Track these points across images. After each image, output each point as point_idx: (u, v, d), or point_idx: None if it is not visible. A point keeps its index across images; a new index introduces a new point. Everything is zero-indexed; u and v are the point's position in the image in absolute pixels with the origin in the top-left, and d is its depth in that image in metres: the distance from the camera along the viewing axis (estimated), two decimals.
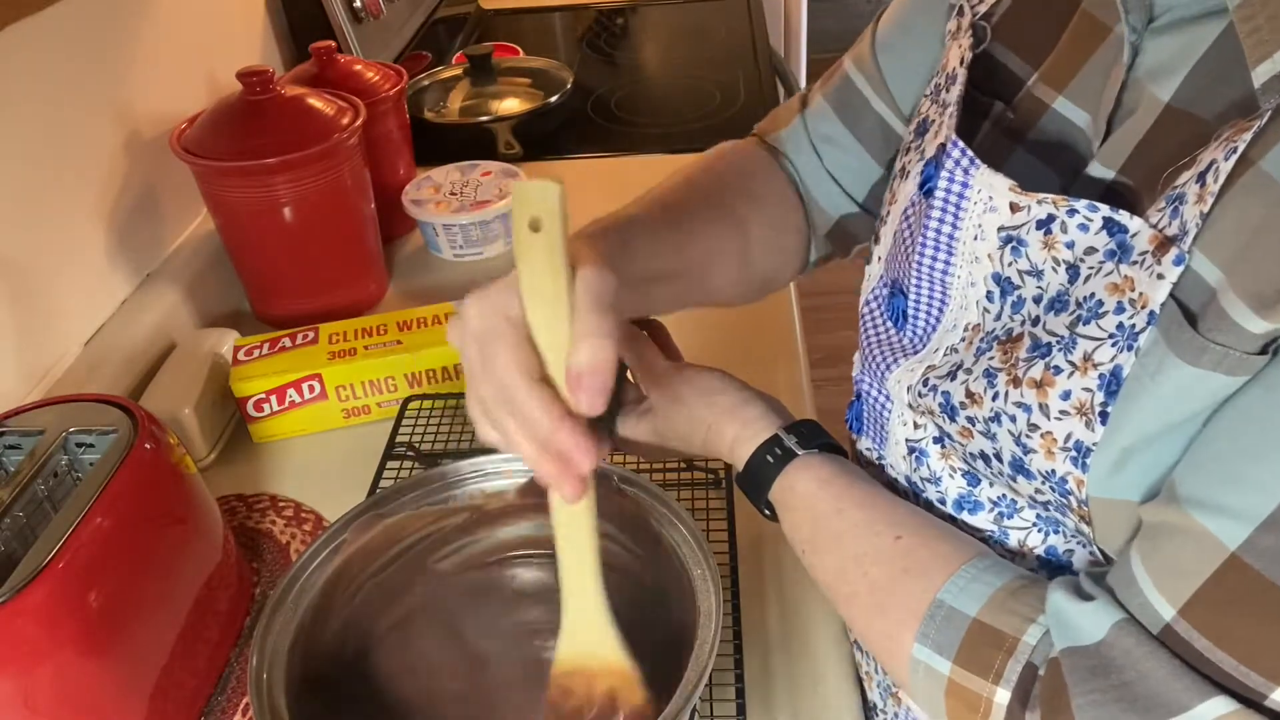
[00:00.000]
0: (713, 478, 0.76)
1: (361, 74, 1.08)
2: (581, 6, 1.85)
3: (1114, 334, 0.43)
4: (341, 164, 0.93)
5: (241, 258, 0.99)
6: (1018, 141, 0.53)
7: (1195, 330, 0.40)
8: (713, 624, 0.51)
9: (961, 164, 0.51)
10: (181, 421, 0.82)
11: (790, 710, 0.63)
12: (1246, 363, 0.38)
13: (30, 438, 0.62)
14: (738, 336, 0.94)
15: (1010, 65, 0.55)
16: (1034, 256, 0.47)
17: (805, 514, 0.56)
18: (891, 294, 0.60)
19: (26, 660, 0.52)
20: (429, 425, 0.85)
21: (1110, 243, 0.44)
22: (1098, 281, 0.44)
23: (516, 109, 1.35)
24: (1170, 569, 0.41)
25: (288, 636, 0.54)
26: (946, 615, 0.48)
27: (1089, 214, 0.44)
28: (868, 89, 0.67)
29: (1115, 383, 0.43)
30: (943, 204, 0.52)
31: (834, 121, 0.69)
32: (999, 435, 0.48)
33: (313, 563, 0.57)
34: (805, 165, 0.71)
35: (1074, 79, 0.51)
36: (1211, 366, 0.39)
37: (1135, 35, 0.46)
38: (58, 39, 0.85)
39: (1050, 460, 0.46)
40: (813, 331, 0.99)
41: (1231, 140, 0.39)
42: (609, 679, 0.52)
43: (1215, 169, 0.40)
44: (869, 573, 0.52)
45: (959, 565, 0.49)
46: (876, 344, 0.61)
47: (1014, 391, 0.47)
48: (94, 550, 0.55)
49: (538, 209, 0.43)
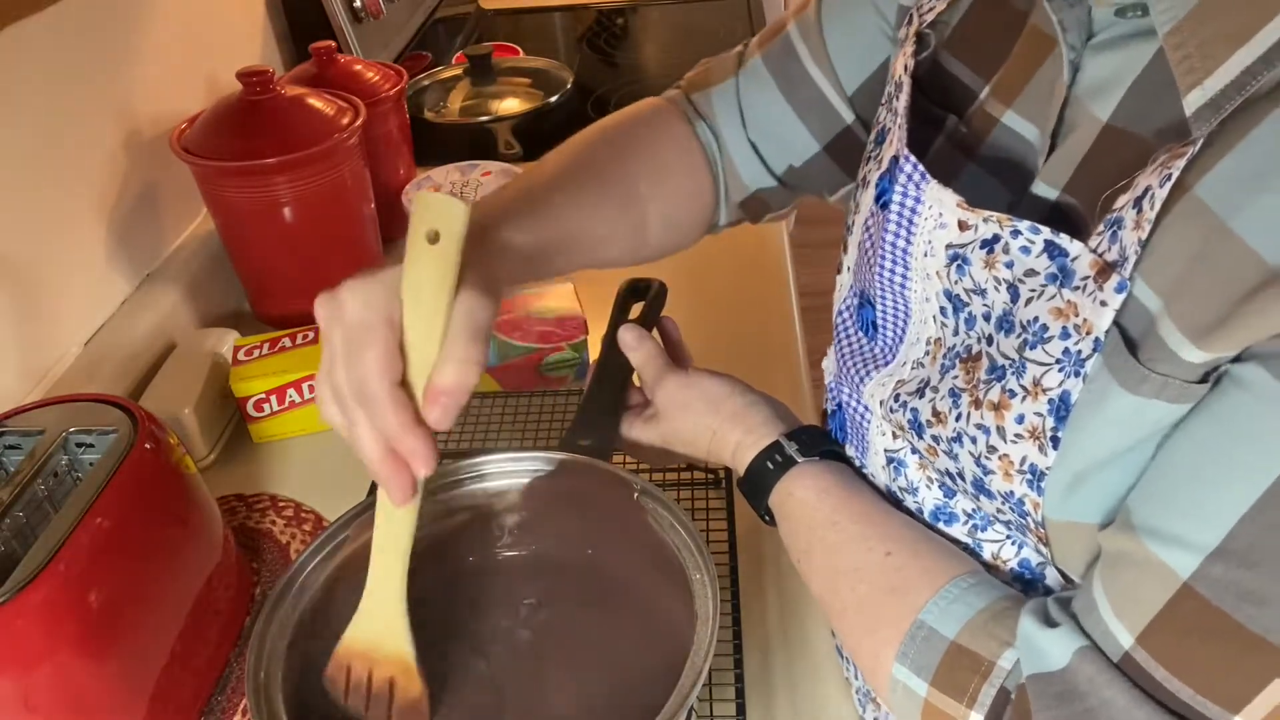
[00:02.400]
0: (712, 478, 0.76)
1: (361, 74, 1.08)
2: (581, 6, 1.85)
3: (1060, 359, 0.43)
4: (341, 164, 0.93)
5: (241, 258, 0.99)
6: (970, 155, 0.53)
7: (1135, 359, 0.40)
8: (709, 627, 0.51)
9: (913, 178, 0.51)
10: (181, 421, 0.82)
11: (790, 710, 0.63)
12: (1188, 391, 0.39)
13: (30, 438, 0.62)
14: (738, 336, 0.94)
15: (962, 77, 0.55)
16: (977, 275, 0.47)
17: (802, 523, 0.56)
18: (860, 304, 0.59)
19: (26, 660, 0.52)
20: None
21: (1051, 266, 0.44)
22: (1040, 305, 0.44)
23: (516, 109, 1.35)
24: (1128, 597, 0.41)
25: (286, 636, 0.54)
26: (926, 636, 0.48)
27: (1031, 236, 0.44)
28: (809, 59, 0.65)
29: (1064, 408, 0.43)
30: (897, 218, 0.52)
31: (770, 88, 0.67)
32: (960, 455, 0.49)
33: (312, 562, 0.57)
34: (729, 133, 0.69)
35: (1021, 93, 0.50)
36: (1153, 395, 0.39)
37: (1074, 53, 0.46)
38: (58, 39, 0.85)
39: (1008, 482, 0.46)
40: (813, 331, 0.99)
41: (1166, 166, 0.39)
42: (391, 668, 0.53)
43: (1151, 195, 0.39)
44: (858, 589, 0.52)
45: (944, 583, 0.49)
46: (850, 354, 0.60)
47: (975, 413, 0.47)
48: (94, 550, 0.55)
49: (440, 224, 0.43)
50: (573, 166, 0.64)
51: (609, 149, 0.67)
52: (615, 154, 0.67)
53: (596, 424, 0.66)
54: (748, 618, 0.67)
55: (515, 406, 0.85)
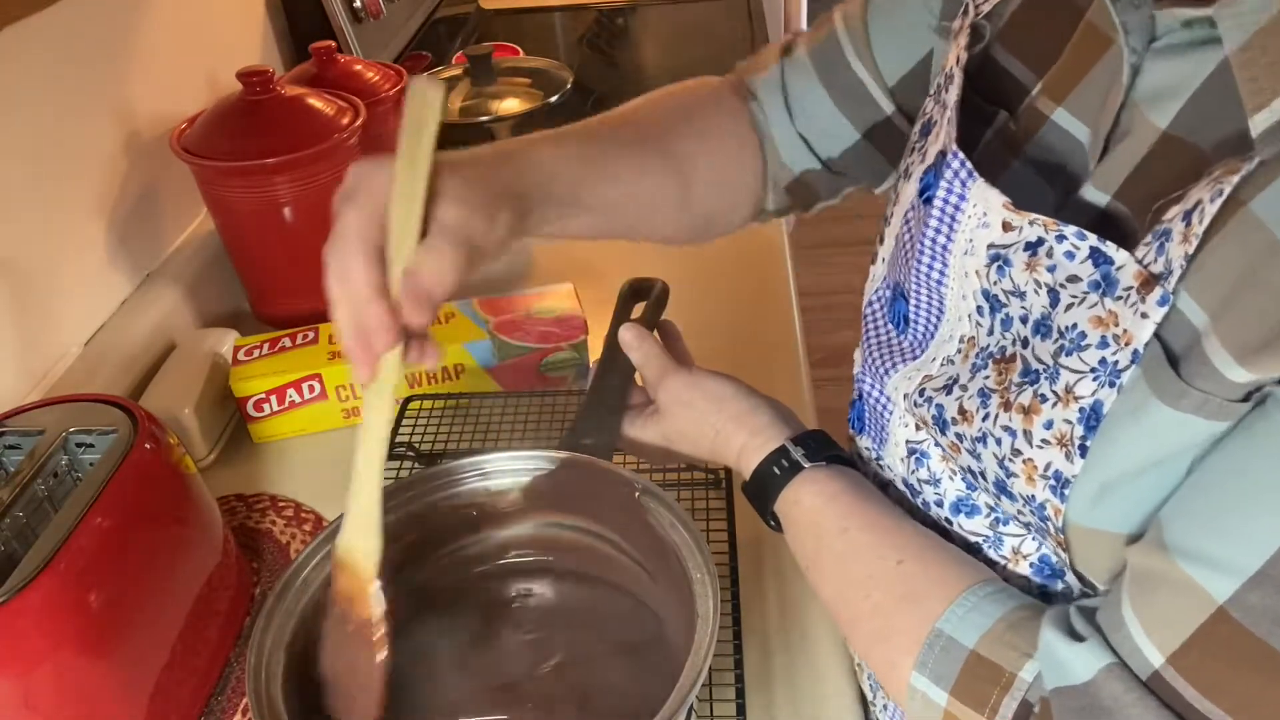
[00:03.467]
0: (713, 478, 0.76)
1: (361, 74, 1.08)
2: (581, 6, 1.85)
3: (1096, 369, 0.42)
4: (341, 164, 0.93)
5: (241, 258, 0.99)
6: (1016, 153, 0.52)
7: (1177, 373, 0.39)
8: (709, 627, 0.51)
9: (960, 175, 0.50)
10: (181, 421, 0.82)
11: (790, 710, 0.63)
12: (1229, 409, 0.38)
13: (30, 438, 0.62)
14: (738, 336, 0.94)
15: (1014, 72, 0.54)
16: (1017, 277, 0.47)
17: (809, 531, 0.56)
18: (893, 297, 0.59)
19: (26, 660, 0.52)
20: (429, 425, 0.85)
21: (1095, 273, 0.43)
22: (1081, 312, 0.44)
23: (516, 109, 1.35)
24: (1159, 617, 0.40)
25: (286, 634, 0.54)
26: (945, 645, 0.47)
27: (1077, 241, 0.44)
28: (850, 50, 0.66)
29: (1095, 418, 0.42)
30: (940, 214, 0.51)
31: (811, 77, 0.68)
32: (984, 456, 0.48)
33: (312, 560, 0.57)
34: (775, 115, 0.70)
35: (1074, 91, 0.50)
36: (1192, 411, 0.39)
37: (1135, 56, 0.45)
38: (58, 39, 0.85)
39: (1031, 486, 0.46)
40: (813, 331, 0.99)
41: (1219, 181, 0.38)
42: (352, 583, 0.54)
43: (1201, 210, 0.39)
44: (871, 597, 0.51)
45: (959, 592, 0.48)
46: (878, 345, 0.60)
47: (1003, 415, 0.47)
48: (94, 550, 0.55)
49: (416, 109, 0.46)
50: (614, 117, 0.65)
51: (655, 106, 0.68)
52: (662, 110, 0.68)
53: (599, 423, 0.65)
54: (748, 618, 0.67)
55: (515, 406, 0.85)
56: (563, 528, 0.63)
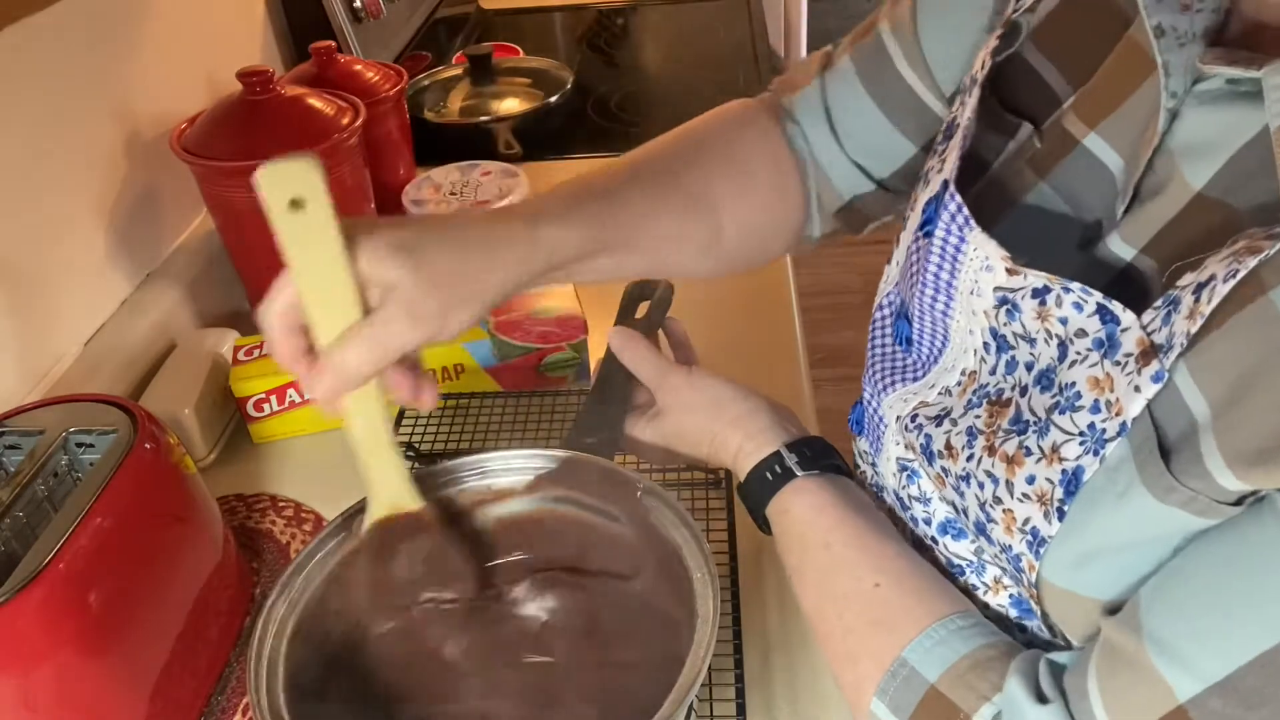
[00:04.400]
0: (713, 478, 0.76)
1: (361, 74, 1.08)
2: (581, 6, 1.85)
3: (1084, 433, 0.41)
4: (341, 164, 0.93)
5: (241, 258, 0.99)
6: (1043, 175, 0.49)
7: (1167, 466, 0.37)
8: (709, 627, 0.51)
9: (957, 220, 0.48)
10: (181, 421, 0.82)
11: (790, 710, 0.63)
12: (1217, 509, 0.36)
13: (30, 438, 0.62)
14: (738, 336, 0.94)
15: (1047, 77, 0.50)
16: (1029, 324, 0.45)
17: (795, 540, 0.56)
18: (898, 313, 0.57)
19: (26, 660, 0.52)
20: (429, 425, 0.85)
21: (1101, 331, 0.41)
22: (1081, 370, 0.41)
23: (516, 109, 1.35)
24: (1121, 700, 0.39)
25: (286, 632, 0.54)
26: (907, 676, 0.47)
27: (1083, 295, 0.41)
28: (900, 57, 0.60)
29: (1075, 483, 0.41)
30: (940, 252, 0.49)
31: (857, 89, 0.62)
32: (967, 495, 0.47)
33: (314, 558, 0.58)
34: (817, 137, 0.65)
35: (1109, 117, 0.46)
36: (1179, 506, 0.37)
37: (1174, 100, 0.42)
38: (58, 39, 0.85)
39: (1009, 536, 0.45)
40: (813, 331, 0.99)
41: (1238, 259, 0.35)
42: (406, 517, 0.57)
43: (1213, 287, 0.36)
44: (844, 616, 0.51)
45: (930, 623, 0.48)
46: (881, 357, 0.59)
47: (987, 459, 0.45)
48: (94, 550, 0.55)
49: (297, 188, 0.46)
50: (639, 161, 0.62)
51: (683, 145, 0.65)
52: (689, 151, 0.64)
53: (602, 422, 0.65)
54: (748, 618, 0.67)
55: (515, 406, 0.85)
56: (564, 526, 0.63)
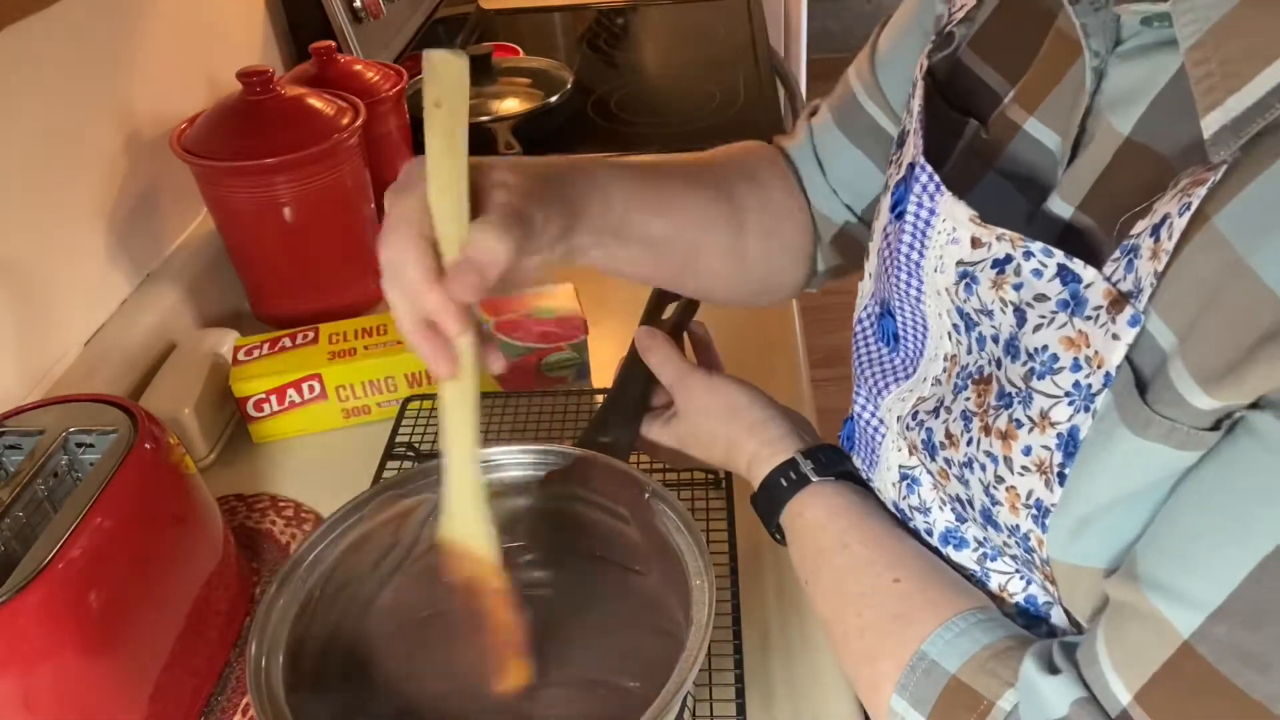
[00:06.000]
0: (713, 479, 0.76)
1: (361, 74, 1.08)
2: (581, 6, 1.85)
3: (1070, 392, 0.41)
4: (341, 164, 0.93)
5: (241, 258, 0.99)
6: (989, 164, 0.51)
7: (1143, 399, 0.38)
8: (701, 635, 0.50)
9: (928, 189, 0.49)
10: (181, 421, 0.82)
11: (790, 710, 0.63)
12: (1197, 438, 0.37)
13: (30, 438, 0.62)
14: (738, 336, 0.94)
15: (987, 79, 0.53)
16: (984, 295, 0.45)
17: (811, 544, 0.55)
18: (881, 314, 0.58)
19: (26, 660, 0.52)
20: (429, 425, 0.85)
21: (1064, 292, 0.42)
22: (1050, 333, 0.42)
23: (516, 109, 1.35)
24: (1128, 652, 0.39)
25: (286, 626, 0.55)
26: (927, 669, 0.47)
27: (1044, 258, 0.42)
28: (865, 98, 0.66)
29: (1073, 444, 0.41)
30: (912, 228, 0.50)
31: (836, 133, 0.68)
32: (971, 482, 0.47)
33: (311, 553, 0.58)
34: (809, 176, 0.70)
35: (1046, 100, 0.48)
36: (1159, 439, 0.37)
37: (1098, 60, 0.44)
38: (58, 39, 0.85)
39: (1015, 515, 0.45)
40: (813, 332, 0.99)
41: (1187, 193, 0.37)
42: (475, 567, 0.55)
43: (1170, 224, 0.37)
44: (863, 614, 0.51)
45: (949, 616, 0.48)
46: (869, 365, 0.59)
47: (985, 439, 0.45)
48: (94, 550, 0.55)
49: (444, 85, 0.44)
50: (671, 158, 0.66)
51: (703, 155, 0.69)
52: (710, 158, 0.68)
53: (618, 422, 0.66)
54: (748, 618, 0.67)
55: (515, 406, 0.85)
56: (572, 523, 0.63)
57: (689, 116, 1.41)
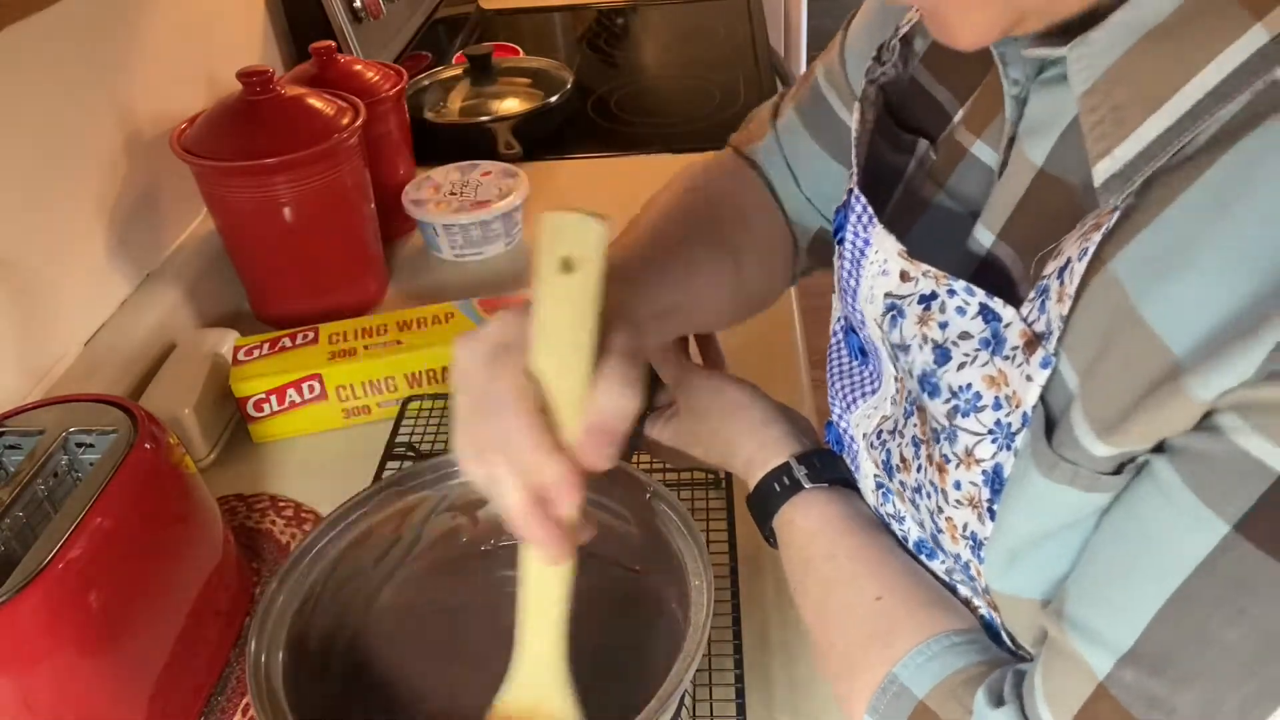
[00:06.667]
0: (713, 479, 0.76)
1: (361, 74, 1.08)
2: (581, 6, 1.85)
3: (993, 430, 0.41)
4: (341, 164, 0.93)
5: (241, 258, 0.99)
6: (939, 186, 0.51)
7: (1049, 442, 0.38)
8: (699, 636, 0.50)
9: (863, 219, 0.49)
10: (181, 421, 0.82)
11: (790, 710, 0.63)
12: (1100, 481, 0.37)
13: (30, 438, 0.62)
14: (738, 336, 0.94)
15: (938, 96, 0.53)
16: (907, 331, 0.45)
17: (799, 553, 0.55)
18: (848, 328, 0.58)
19: (26, 660, 0.52)
20: (429, 425, 0.85)
21: (986, 330, 0.42)
22: (974, 371, 0.42)
23: (516, 109, 1.35)
24: (1056, 688, 0.40)
25: (286, 624, 0.55)
26: (898, 692, 0.46)
27: (966, 297, 0.42)
28: (835, 100, 0.64)
29: (998, 481, 0.41)
30: (849, 256, 0.50)
31: (803, 135, 0.67)
32: (921, 507, 0.47)
33: (311, 551, 0.58)
34: (780, 181, 0.69)
35: (991, 122, 0.48)
36: (1065, 481, 0.38)
37: (1018, 88, 0.44)
38: (58, 39, 0.85)
39: (955, 544, 0.45)
40: (813, 332, 0.99)
41: (1086, 238, 0.37)
42: None
43: (1071, 269, 0.37)
44: (844, 631, 0.51)
45: (926, 637, 0.47)
46: (840, 377, 0.59)
47: (929, 468, 0.45)
48: (94, 550, 0.55)
49: (575, 249, 0.38)
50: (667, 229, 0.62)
51: (697, 202, 0.66)
52: (706, 208, 0.66)
53: None
54: (748, 618, 0.67)
55: None
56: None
57: (689, 116, 1.41)
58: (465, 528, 0.65)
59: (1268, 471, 0.32)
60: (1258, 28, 0.33)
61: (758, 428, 0.60)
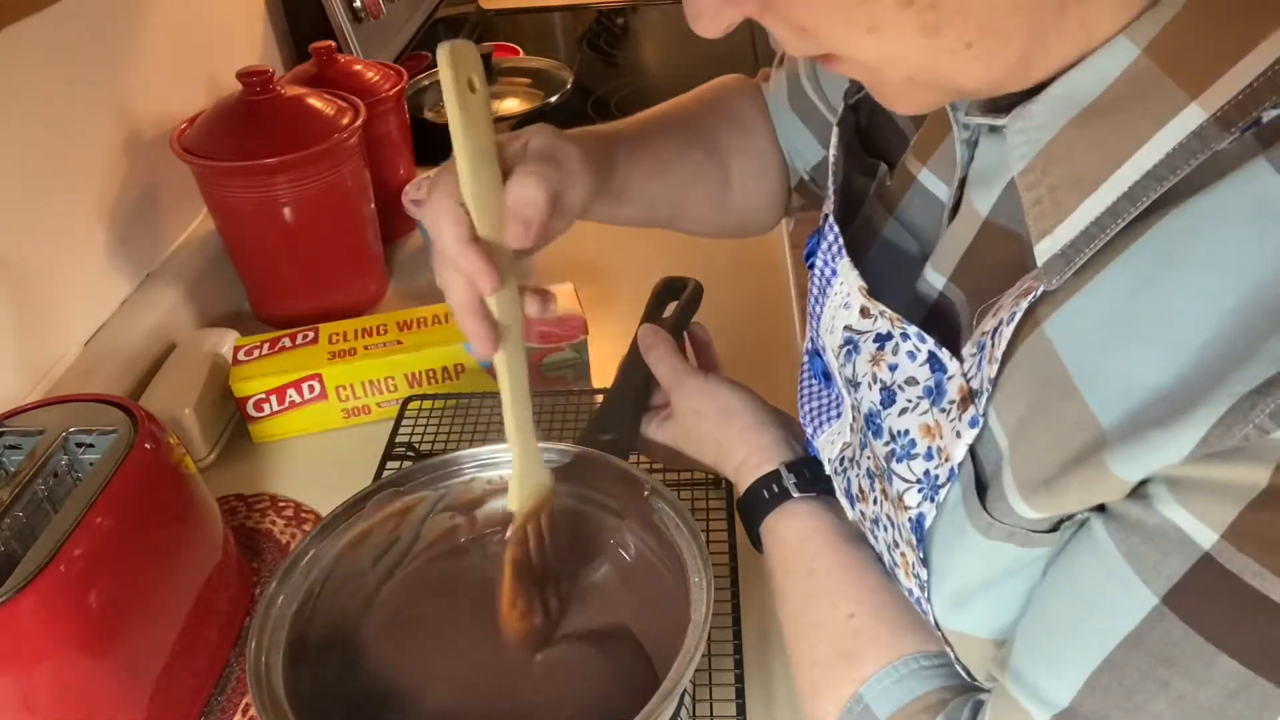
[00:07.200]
0: (712, 478, 0.76)
1: (361, 74, 1.08)
2: (581, 6, 1.85)
3: (920, 480, 0.41)
4: (341, 164, 0.93)
5: (241, 258, 0.99)
6: (891, 211, 0.51)
7: (983, 504, 0.38)
8: (699, 633, 0.51)
9: (833, 249, 0.49)
10: (181, 421, 0.82)
11: (790, 710, 0.63)
12: (1036, 539, 0.37)
13: (30, 438, 0.62)
14: (738, 336, 0.94)
15: (900, 122, 0.53)
16: (859, 368, 0.45)
17: (780, 564, 0.56)
18: (812, 352, 0.58)
19: (26, 660, 0.52)
20: (429, 425, 0.85)
21: (930, 379, 0.42)
22: (913, 418, 0.42)
23: (516, 109, 1.35)
24: None
25: (286, 623, 0.55)
26: (861, 713, 0.47)
27: (918, 343, 0.42)
28: (807, 81, 0.67)
29: (920, 530, 0.41)
30: (818, 283, 0.50)
31: (784, 95, 0.70)
32: (880, 538, 0.47)
33: (310, 550, 0.58)
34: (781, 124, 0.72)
35: (936, 151, 0.48)
36: (1003, 539, 0.38)
37: (968, 132, 0.43)
38: (58, 39, 0.85)
39: (908, 580, 0.45)
40: None
41: (1016, 302, 0.36)
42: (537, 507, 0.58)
43: (1000, 330, 0.37)
44: (816, 646, 0.51)
45: (894, 659, 0.47)
46: (808, 397, 0.59)
47: (885, 502, 0.45)
48: (94, 550, 0.55)
49: (474, 71, 0.46)
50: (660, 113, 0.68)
51: (692, 102, 0.71)
52: (698, 106, 0.71)
53: (618, 420, 0.66)
54: (748, 617, 0.67)
55: None
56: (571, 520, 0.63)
57: None
58: (463, 527, 0.65)
59: (1194, 547, 0.31)
60: (1193, 107, 0.31)
61: (750, 431, 0.60)
